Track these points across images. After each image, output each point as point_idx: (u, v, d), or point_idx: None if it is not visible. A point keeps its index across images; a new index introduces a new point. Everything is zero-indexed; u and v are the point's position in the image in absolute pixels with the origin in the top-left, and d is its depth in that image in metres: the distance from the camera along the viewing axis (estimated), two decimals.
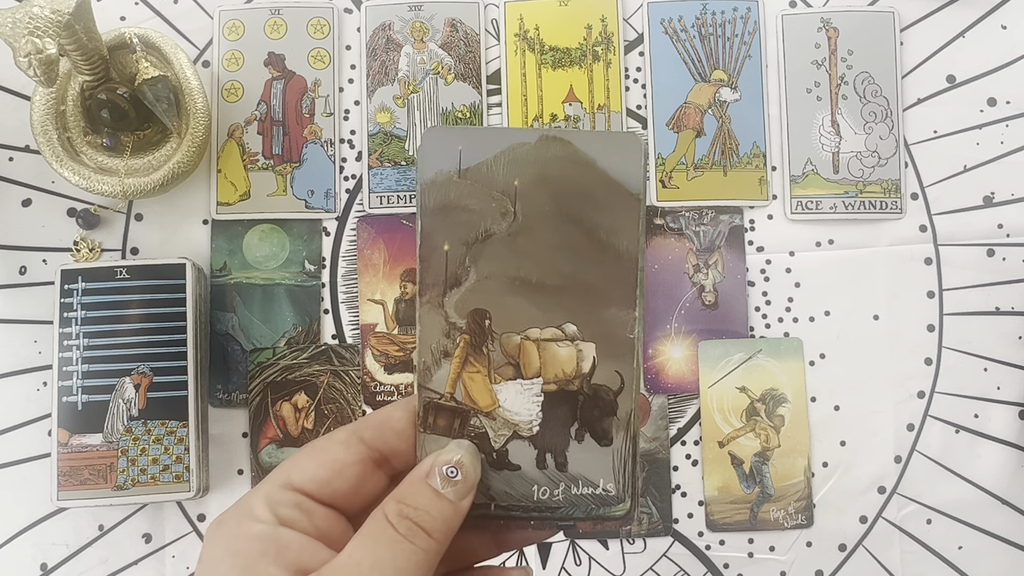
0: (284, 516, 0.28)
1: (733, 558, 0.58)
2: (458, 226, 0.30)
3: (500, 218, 0.30)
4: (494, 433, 0.31)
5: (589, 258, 0.30)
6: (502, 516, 0.31)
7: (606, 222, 0.30)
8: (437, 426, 0.31)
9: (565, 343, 0.30)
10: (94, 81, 0.53)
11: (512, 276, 0.30)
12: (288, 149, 0.60)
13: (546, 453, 0.31)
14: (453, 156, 0.30)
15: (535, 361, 0.30)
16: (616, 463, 0.31)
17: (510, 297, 0.30)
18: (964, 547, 0.58)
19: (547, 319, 0.30)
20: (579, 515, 0.31)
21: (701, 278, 0.59)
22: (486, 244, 0.30)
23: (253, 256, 0.59)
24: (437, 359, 0.31)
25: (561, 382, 0.31)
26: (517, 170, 0.30)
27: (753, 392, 0.59)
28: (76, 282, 0.54)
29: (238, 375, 0.58)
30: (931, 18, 0.62)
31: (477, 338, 0.30)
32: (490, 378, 0.30)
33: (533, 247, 0.30)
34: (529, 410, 0.30)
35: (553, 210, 0.30)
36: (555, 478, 0.31)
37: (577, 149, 0.30)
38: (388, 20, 0.61)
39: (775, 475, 0.58)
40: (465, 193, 0.30)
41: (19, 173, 0.59)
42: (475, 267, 0.30)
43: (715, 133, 0.60)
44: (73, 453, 0.53)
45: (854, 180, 0.60)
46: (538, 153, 0.30)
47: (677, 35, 0.61)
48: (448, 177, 0.30)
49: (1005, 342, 0.59)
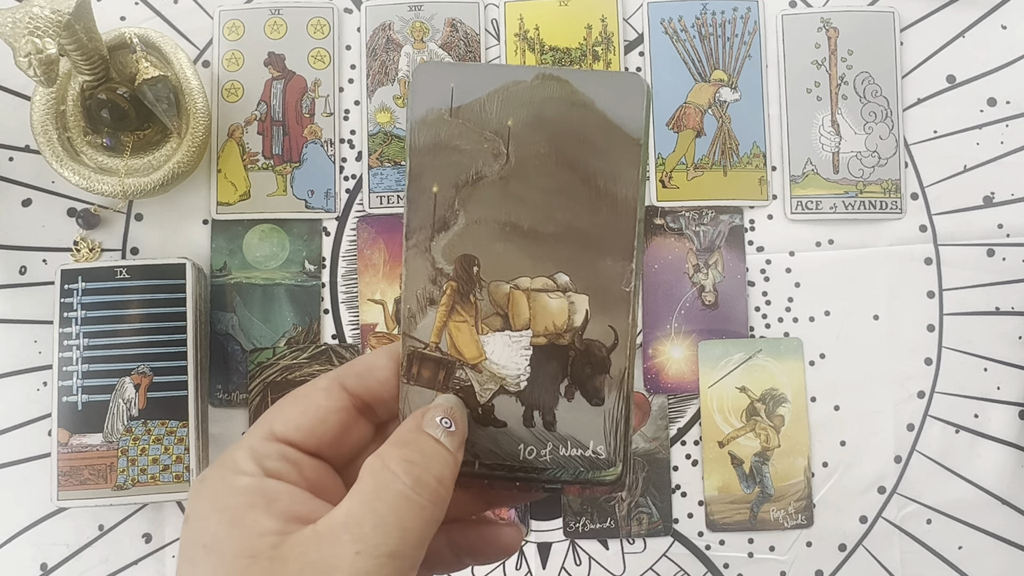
0: (270, 468, 0.27)
1: (733, 558, 0.58)
2: (448, 167, 0.29)
3: (492, 160, 0.29)
4: (480, 387, 0.29)
5: (585, 205, 0.29)
6: (486, 475, 0.30)
7: (604, 168, 0.28)
8: (421, 377, 0.29)
9: (556, 294, 0.29)
10: (94, 81, 0.53)
11: (503, 221, 0.29)
12: (288, 149, 0.60)
13: (534, 410, 0.29)
14: (445, 93, 0.28)
15: (524, 312, 0.29)
16: (607, 424, 0.29)
17: (500, 243, 0.29)
18: (964, 547, 0.58)
19: (538, 268, 0.29)
20: (566, 478, 0.29)
21: (701, 278, 0.59)
22: (476, 187, 0.29)
23: (253, 256, 0.59)
24: (422, 306, 0.29)
25: (551, 335, 0.29)
26: (511, 110, 0.28)
27: (753, 392, 0.59)
28: (76, 282, 0.54)
29: (238, 375, 0.58)
30: (931, 18, 0.62)
31: (464, 286, 0.29)
32: (477, 328, 0.29)
33: (526, 192, 0.29)
34: (517, 364, 0.29)
35: (548, 153, 0.29)
36: (543, 437, 0.29)
37: (575, 89, 0.28)
38: (388, 20, 0.61)
39: (775, 475, 0.58)
40: (456, 133, 0.29)
41: (19, 173, 0.59)
42: (464, 211, 0.29)
43: (715, 133, 0.60)
44: (73, 453, 0.53)
45: (854, 180, 0.60)
46: (534, 92, 0.28)
47: (677, 35, 0.61)
48: (439, 115, 0.29)
49: (1005, 342, 0.59)
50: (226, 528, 0.25)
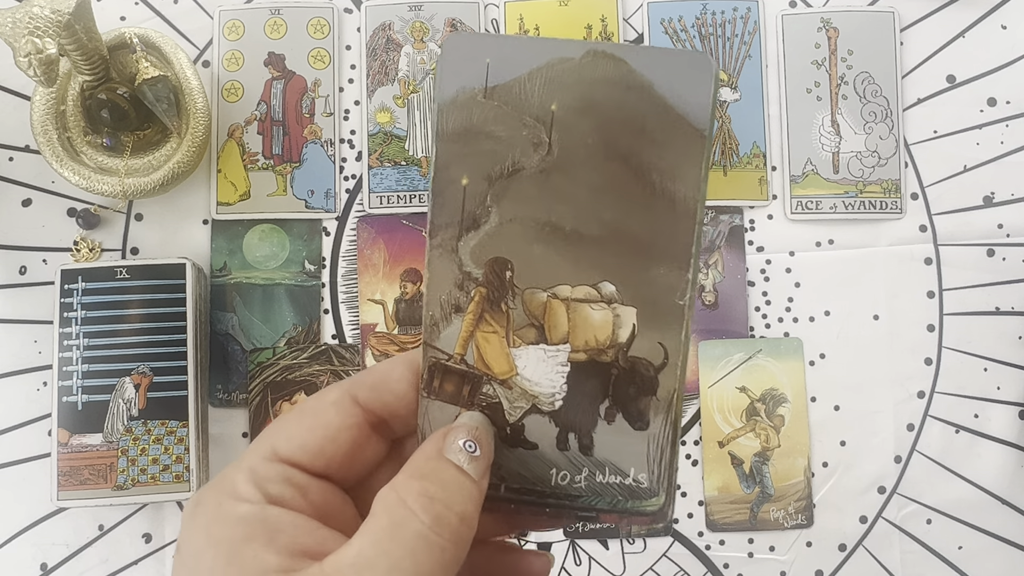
0: (273, 493, 0.24)
1: (733, 558, 0.58)
2: (480, 156, 0.25)
3: (532, 150, 0.25)
4: (509, 404, 0.26)
5: (638, 205, 0.25)
6: (512, 500, 0.27)
7: (662, 162, 0.25)
8: (443, 391, 0.26)
9: (600, 305, 0.26)
10: (94, 81, 0.53)
11: (542, 221, 0.25)
12: (288, 149, 0.60)
13: (569, 432, 0.26)
14: (479, 71, 0.25)
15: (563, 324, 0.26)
16: (652, 450, 0.26)
17: (538, 246, 0.25)
18: (964, 547, 0.58)
19: (581, 275, 0.26)
20: (603, 506, 0.27)
21: (701, 278, 0.59)
22: (512, 180, 0.25)
23: (253, 256, 0.59)
24: (447, 314, 0.26)
25: (592, 351, 0.26)
26: (556, 92, 0.25)
27: (753, 392, 0.59)
28: (76, 282, 0.54)
29: (238, 375, 0.58)
30: (931, 18, 0.62)
31: (495, 292, 0.26)
32: (508, 340, 0.26)
33: (569, 187, 0.25)
34: (552, 381, 0.26)
35: (597, 143, 0.25)
36: (578, 462, 0.26)
37: (632, 69, 0.24)
38: (388, 20, 0.61)
39: (775, 475, 0.58)
40: (491, 117, 0.25)
41: (19, 173, 0.59)
42: (497, 207, 0.25)
43: (715, 133, 0.60)
44: (73, 453, 0.53)
45: (854, 180, 0.60)
46: (583, 72, 0.25)
47: (677, 35, 0.61)
48: (471, 96, 0.25)
49: (1005, 342, 0.59)
50: (222, 565, 0.23)
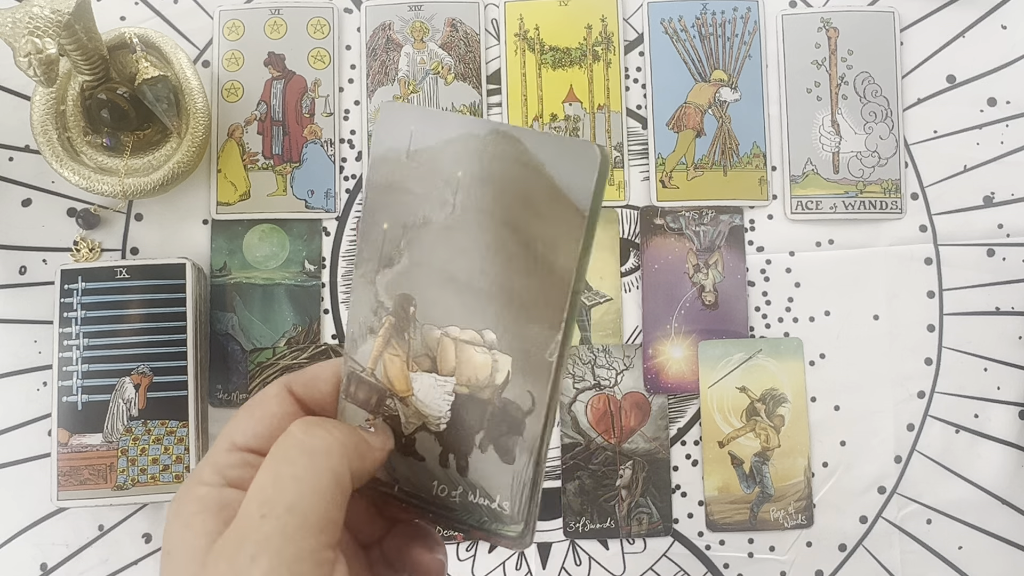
0: (232, 477, 0.28)
1: (733, 558, 0.58)
2: (399, 207, 0.29)
3: (439, 207, 0.28)
4: (405, 419, 0.30)
5: (520, 268, 0.28)
6: (403, 500, 0.31)
7: (544, 234, 0.27)
8: (357, 397, 0.30)
9: (482, 349, 0.29)
10: (94, 81, 0.53)
11: (441, 269, 0.29)
12: (288, 149, 0.60)
13: (450, 453, 0.30)
14: (405, 135, 0.28)
15: (451, 360, 0.29)
16: (515, 484, 0.29)
17: (437, 289, 0.29)
18: (964, 547, 0.58)
19: (469, 320, 0.29)
20: (472, 523, 0.30)
21: (701, 278, 0.59)
22: (423, 230, 0.29)
23: (253, 256, 0.59)
24: (363, 333, 0.30)
25: (474, 387, 0.29)
26: (463, 161, 0.28)
27: (753, 392, 0.58)
28: (76, 282, 0.54)
29: (238, 375, 0.58)
30: (931, 18, 0.62)
31: (401, 322, 0.30)
32: (408, 365, 0.30)
33: (467, 243, 0.28)
34: (439, 406, 0.30)
35: (492, 209, 0.28)
36: (455, 480, 0.30)
37: (527, 149, 0.27)
38: (388, 20, 0.61)
39: (775, 475, 0.58)
40: (410, 175, 0.28)
41: (19, 173, 0.59)
42: (409, 251, 0.29)
43: (715, 133, 0.60)
44: (73, 453, 0.53)
45: (854, 180, 0.60)
46: (485, 148, 0.28)
47: (677, 35, 0.61)
48: (397, 156, 0.29)
49: (1005, 342, 0.59)
50: (179, 531, 0.27)
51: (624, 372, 0.59)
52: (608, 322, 0.59)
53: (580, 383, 0.58)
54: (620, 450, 0.58)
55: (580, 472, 0.58)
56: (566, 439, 0.58)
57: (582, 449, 0.58)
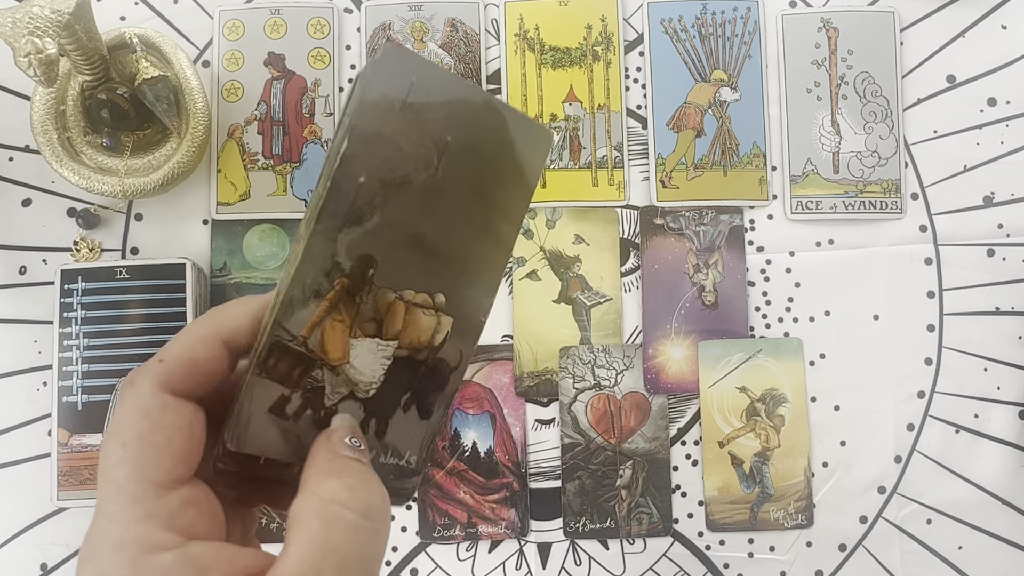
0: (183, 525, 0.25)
1: (733, 558, 0.58)
2: (381, 161, 0.27)
3: (423, 168, 0.27)
4: (331, 389, 0.28)
5: (478, 235, 0.29)
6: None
7: (504, 206, 0.29)
8: (276, 370, 0.27)
9: (430, 312, 0.29)
10: (94, 81, 0.53)
11: (412, 231, 0.28)
12: (288, 149, 0.60)
13: (373, 418, 0.29)
14: (404, 85, 0.27)
15: (398, 323, 0.29)
16: (425, 436, 0.30)
17: (402, 251, 0.28)
18: (964, 547, 0.58)
19: (425, 284, 0.29)
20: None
21: (701, 278, 0.59)
22: (400, 190, 0.27)
23: (253, 256, 0.59)
24: (306, 297, 0.27)
25: (413, 350, 0.29)
26: (453, 126, 0.28)
27: (753, 392, 0.59)
28: (76, 282, 0.54)
29: None
30: (931, 18, 0.62)
31: (355, 286, 0.28)
32: (351, 331, 0.28)
33: (440, 208, 0.28)
34: (374, 371, 0.29)
35: (469, 178, 0.28)
36: (369, 444, 0.29)
37: (506, 127, 0.29)
38: (388, 20, 0.61)
39: (775, 475, 0.58)
40: (400, 129, 0.27)
41: (19, 173, 0.59)
42: (382, 210, 0.27)
43: (715, 133, 0.60)
44: (73, 453, 0.53)
45: (854, 180, 0.60)
46: (475, 116, 0.28)
47: (677, 35, 0.61)
48: (391, 105, 0.27)
49: (1005, 342, 0.59)
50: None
51: (624, 372, 0.59)
52: (608, 322, 0.59)
53: (580, 383, 0.58)
54: (620, 450, 0.58)
55: (580, 472, 0.58)
56: (566, 439, 0.58)
57: (582, 449, 0.58)
